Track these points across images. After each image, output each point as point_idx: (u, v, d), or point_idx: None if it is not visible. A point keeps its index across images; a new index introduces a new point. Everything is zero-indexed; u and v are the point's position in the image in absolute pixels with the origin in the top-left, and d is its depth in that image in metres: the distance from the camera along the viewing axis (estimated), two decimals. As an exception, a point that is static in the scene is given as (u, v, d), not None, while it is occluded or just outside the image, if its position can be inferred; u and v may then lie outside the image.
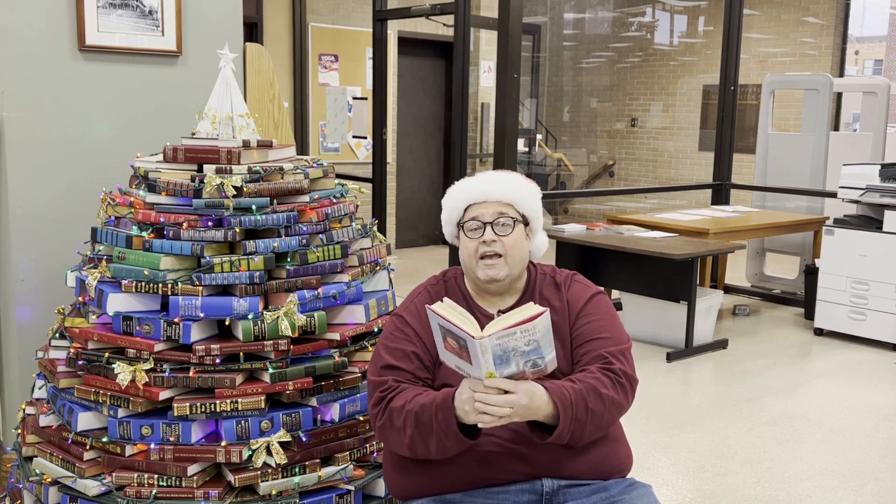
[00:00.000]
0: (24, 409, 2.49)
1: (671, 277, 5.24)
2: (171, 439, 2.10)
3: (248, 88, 3.41)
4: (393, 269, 2.64)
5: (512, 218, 1.96)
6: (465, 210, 2.00)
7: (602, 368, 1.86)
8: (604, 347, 1.91)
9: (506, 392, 1.67)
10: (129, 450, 2.12)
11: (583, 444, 1.85)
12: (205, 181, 2.21)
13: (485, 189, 1.99)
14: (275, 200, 2.27)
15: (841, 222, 5.63)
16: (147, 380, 2.10)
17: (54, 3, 2.84)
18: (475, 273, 1.96)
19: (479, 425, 1.70)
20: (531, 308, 1.67)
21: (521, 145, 9.79)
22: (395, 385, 1.86)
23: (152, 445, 2.10)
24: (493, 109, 6.63)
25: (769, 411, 4.26)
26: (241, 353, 2.14)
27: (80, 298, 2.34)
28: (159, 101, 3.12)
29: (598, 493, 1.87)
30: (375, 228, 2.66)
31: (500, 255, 1.93)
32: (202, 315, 2.14)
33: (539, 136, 10.61)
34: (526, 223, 2.00)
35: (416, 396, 1.81)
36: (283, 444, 2.13)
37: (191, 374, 2.11)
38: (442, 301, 1.71)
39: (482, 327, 1.74)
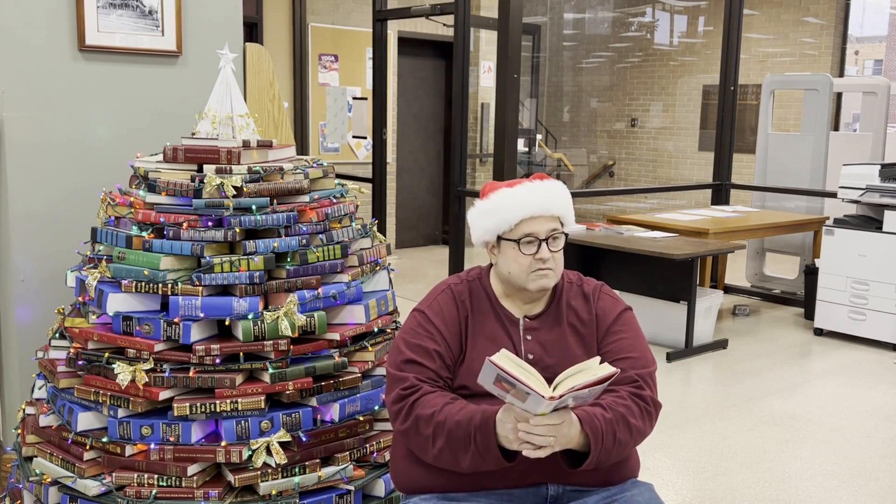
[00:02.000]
0: (24, 409, 2.49)
1: (671, 277, 5.24)
2: (171, 439, 2.10)
3: (248, 88, 3.41)
4: (393, 269, 2.64)
5: (563, 233, 1.96)
6: (518, 224, 1.94)
7: (632, 394, 1.86)
8: (634, 368, 1.90)
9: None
10: (129, 450, 2.12)
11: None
12: (205, 181, 2.21)
13: (542, 204, 1.94)
14: (275, 200, 2.27)
15: (841, 222, 5.63)
16: (147, 380, 2.10)
17: (54, 3, 2.84)
18: (525, 285, 1.94)
19: (524, 453, 1.70)
20: (601, 368, 1.66)
21: (521, 145, 9.79)
22: (418, 385, 1.85)
23: (152, 445, 2.10)
24: (493, 109, 6.63)
25: (769, 411, 4.26)
26: (241, 353, 2.14)
27: (80, 298, 2.34)
28: (159, 100, 3.12)
29: (599, 494, 1.87)
30: (375, 228, 2.66)
31: (551, 269, 1.93)
32: (202, 315, 2.14)
33: (539, 136, 10.61)
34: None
35: (445, 406, 1.80)
36: (283, 444, 2.14)
37: (191, 374, 2.11)
38: (500, 350, 1.67)
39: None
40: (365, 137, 7.62)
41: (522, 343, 1.95)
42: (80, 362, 2.21)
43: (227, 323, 2.18)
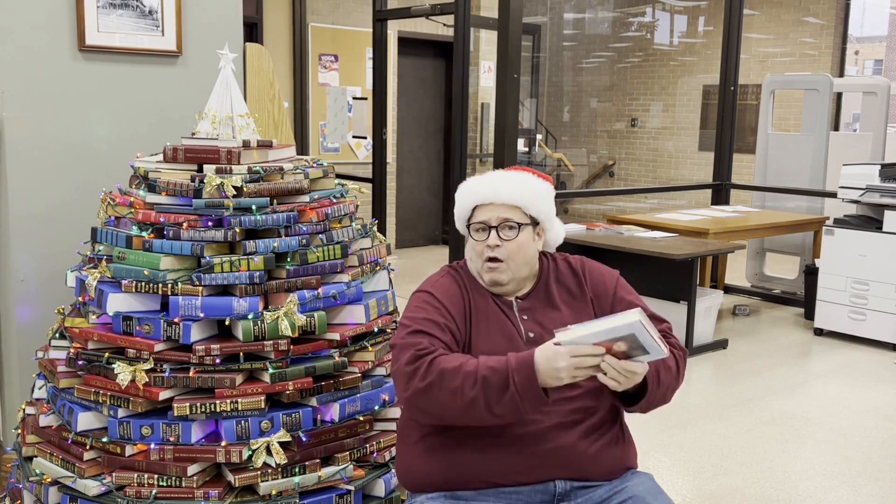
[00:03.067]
0: (24, 409, 2.49)
1: (671, 277, 5.24)
2: (171, 439, 2.10)
3: (248, 88, 3.41)
4: (393, 269, 2.64)
5: (517, 223, 1.96)
6: (473, 210, 2.00)
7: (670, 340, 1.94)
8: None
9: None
10: (129, 450, 2.12)
11: (649, 409, 1.90)
12: (205, 181, 2.21)
13: (492, 191, 1.97)
14: (275, 200, 2.27)
15: (841, 222, 5.63)
16: (147, 380, 2.10)
17: (54, 3, 2.84)
18: (481, 272, 1.99)
19: (599, 378, 1.72)
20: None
21: (521, 145, 9.79)
22: (434, 347, 1.81)
23: (152, 445, 2.10)
24: (493, 109, 6.63)
25: (769, 411, 4.26)
26: (241, 353, 2.14)
27: (80, 298, 2.34)
28: (159, 101, 3.12)
29: (604, 488, 1.89)
30: (375, 228, 2.66)
31: (501, 261, 1.94)
32: (202, 315, 2.14)
33: (539, 136, 10.61)
34: (536, 223, 2.00)
35: (471, 359, 1.77)
36: (283, 444, 2.13)
37: (191, 374, 2.11)
38: (634, 309, 1.70)
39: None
40: (365, 137, 7.62)
41: (521, 323, 1.97)
42: (80, 362, 2.21)
43: (227, 323, 2.18)
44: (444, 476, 1.87)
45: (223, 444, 2.10)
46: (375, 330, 2.38)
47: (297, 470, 2.15)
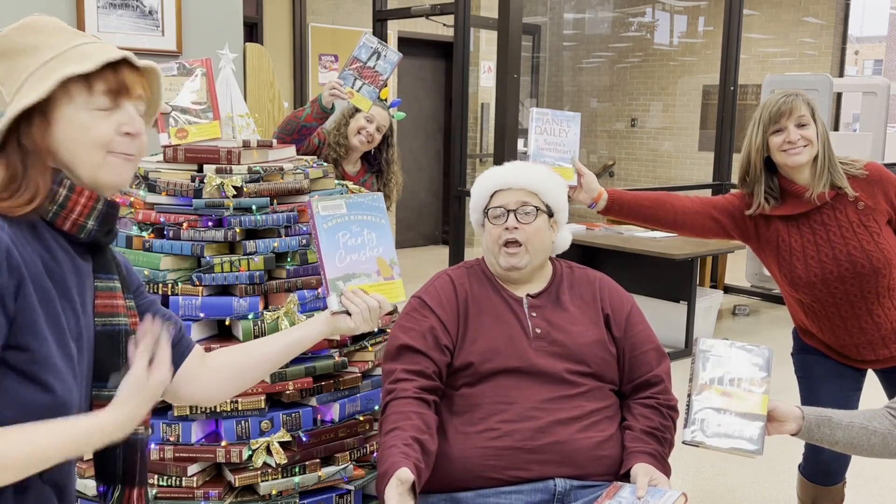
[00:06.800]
0: (24, 409, 2.49)
1: (671, 277, 5.25)
2: (171, 439, 2.10)
3: (248, 88, 3.41)
4: (393, 269, 2.63)
5: (535, 207, 2.02)
6: (491, 197, 2.06)
7: (665, 407, 1.99)
8: (657, 364, 2.03)
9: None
10: (129, 450, 2.12)
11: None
12: (205, 181, 2.21)
13: (511, 176, 2.06)
14: (275, 200, 2.27)
15: (841, 222, 5.62)
16: (147, 380, 2.10)
17: (54, 3, 2.84)
18: (497, 260, 2.03)
19: None
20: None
21: (521, 145, 9.79)
22: (398, 384, 1.89)
23: (152, 445, 2.10)
24: (493, 109, 6.63)
25: (769, 411, 4.25)
26: (241, 353, 2.14)
27: (80, 298, 2.33)
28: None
29: (605, 489, 1.89)
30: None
31: (520, 244, 1.99)
32: (202, 315, 2.14)
33: (539, 136, 10.60)
34: (550, 214, 2.06)
35: (396, 430, 1.79)
36: (283, 444, 2.13)
37: (191, 374, 2.11)
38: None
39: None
40: (365, 137, 7.61)
41: (528, 319, 2.00)
42: (80, 362, 2.20)
43: (227, 323, 2.18)
44: (444, 473, 1.88)
45: (223, 443, 2.10)
46: (375, 330, 2.38)
47: (297, 470, 2.15)
